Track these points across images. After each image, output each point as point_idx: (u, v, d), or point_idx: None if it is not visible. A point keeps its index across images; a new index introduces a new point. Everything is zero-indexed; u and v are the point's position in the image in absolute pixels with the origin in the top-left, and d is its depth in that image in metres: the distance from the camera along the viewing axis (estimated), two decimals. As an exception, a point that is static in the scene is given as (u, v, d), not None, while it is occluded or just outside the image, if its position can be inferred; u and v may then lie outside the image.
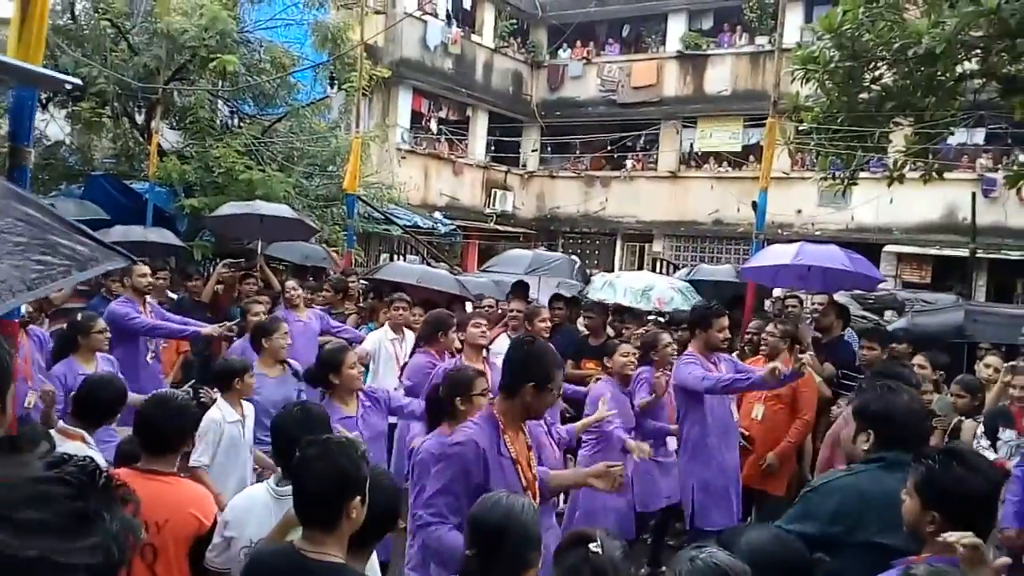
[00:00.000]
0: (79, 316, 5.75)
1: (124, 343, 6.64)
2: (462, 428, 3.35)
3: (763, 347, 6.61)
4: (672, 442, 6.23)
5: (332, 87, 14.53)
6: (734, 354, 6.78)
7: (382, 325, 7.95)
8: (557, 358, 3.42)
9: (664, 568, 5.82)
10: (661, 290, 10.01)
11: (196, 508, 3.20)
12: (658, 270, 19.03)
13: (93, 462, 1.30)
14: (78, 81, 2.62)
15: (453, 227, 20.29)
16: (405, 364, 6.70)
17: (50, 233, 1.45)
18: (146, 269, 7.07)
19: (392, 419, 5.54)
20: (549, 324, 6.94)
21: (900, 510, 2.62)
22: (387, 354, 7.01)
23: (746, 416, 6.35)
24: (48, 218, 1.50)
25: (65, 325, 5.95)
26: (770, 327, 6.54)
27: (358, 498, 2.49)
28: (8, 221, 1.40)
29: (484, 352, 6.16)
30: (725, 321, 5.85)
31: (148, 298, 7.19)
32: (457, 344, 6.36)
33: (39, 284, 1.40)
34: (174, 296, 8.77)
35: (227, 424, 4.73)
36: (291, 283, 7.99)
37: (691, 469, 5.75)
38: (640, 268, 21.10)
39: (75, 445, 3.80)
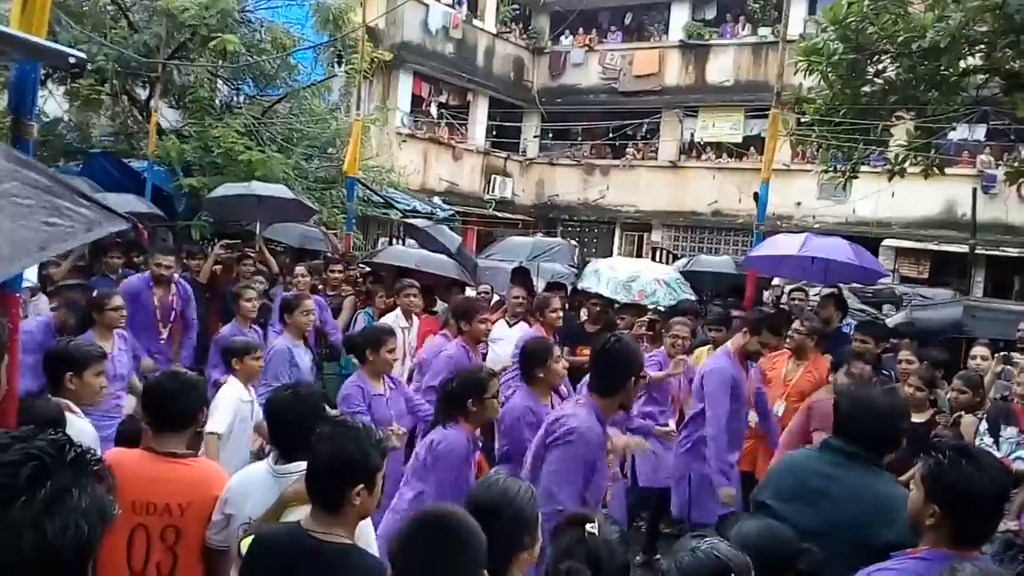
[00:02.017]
0: (95, 293, 5.75)
1: (137, 320, 6.74)
2: (574, 415, 3.55)
3: (787, 341, 6.55)
4: (672, 423, 6.25)
5: (341, 65, 14.41)
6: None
7: (379, 309, 7.94)
8: (641, 348, 3.82)
9: (659, 556, 5.82)
10: (644, 282, 9.86)
11: (216, 488, 3.20)
12: (657, 260, 19.02)
13: (64, 436, 1.29)
14: (82, 55, 2.59)
15: (452, 212, 20.24)
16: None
17: (56, 196, 1.45)
18: (162, 259, 7.21)
19: None
20: (561, 314, 6.91)
21: (799, 482, 2.92)
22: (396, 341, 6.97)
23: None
24: (52, 182, 1.50)
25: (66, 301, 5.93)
26: (797, 324, 6.47)
27: (362, 486, 2.48)
28: (15, 184, 1.39)
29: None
30: (772, 339, 5.83)
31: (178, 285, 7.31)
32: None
33: (49, 244, 1.40)
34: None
35: (241, 402, 4.76)
36: (300, 269, 8.03)
37: (689, 462, 5.72)
38: (639, 257, 21.06)
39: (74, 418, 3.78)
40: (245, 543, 2.69)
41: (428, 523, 2.16)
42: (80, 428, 3.53)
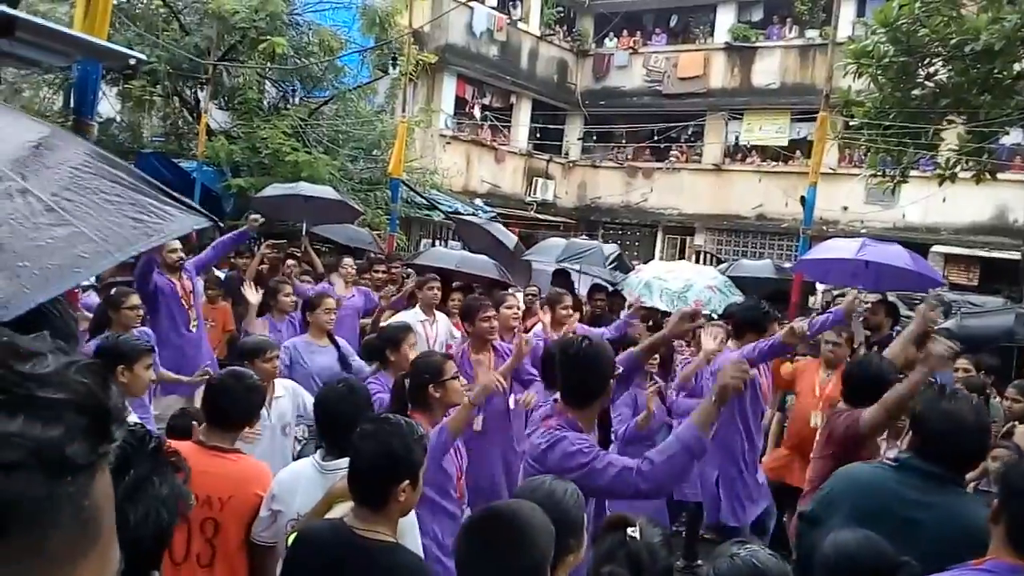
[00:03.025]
0: (112, 291, 5.76)
1: (157, 314, 6.71)
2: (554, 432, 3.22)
3: (829, 352, 6.42)
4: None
5: (395, 67, 14.47)
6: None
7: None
8: (609, 346, 3.52)
9: (700, 562, 5.79)
10: (698, 291, 9.82)
11: (259, 486, 3.24)
12: (700, 263, 18.87)
13: (143, 427, 1.34)
14: (142, 56, 2.66)
15: (494, 215, 20.30)
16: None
17: (139, 193, 1.48)
18: (176, 244, 6.98)
19: None
20: (571, 311, 6.87)
21: (882, 507, 2.65)
22: (418, 337, 6.94)
23: (802, 420, 6.14)
24: (136, 180, 1.54)
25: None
26: (831, 333, 6.35)
27: (407, 482, 2.49)
28: (103, 182, 1.43)
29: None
30: (776, 326, 5.77)
31: (184, 270, 7.17)
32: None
33: (137, 241, 1.44)
34: (220, 274, 8.89)
35: None
36: (348, 260, 8.14)
37: (714, 465, 5.67)
38: (681, 259, 20.89)
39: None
40: (292, 539, 2.72)
41: (494, 518, 2.15)
42: (130, 422, 3.60)
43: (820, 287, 11.19)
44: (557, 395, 3.45)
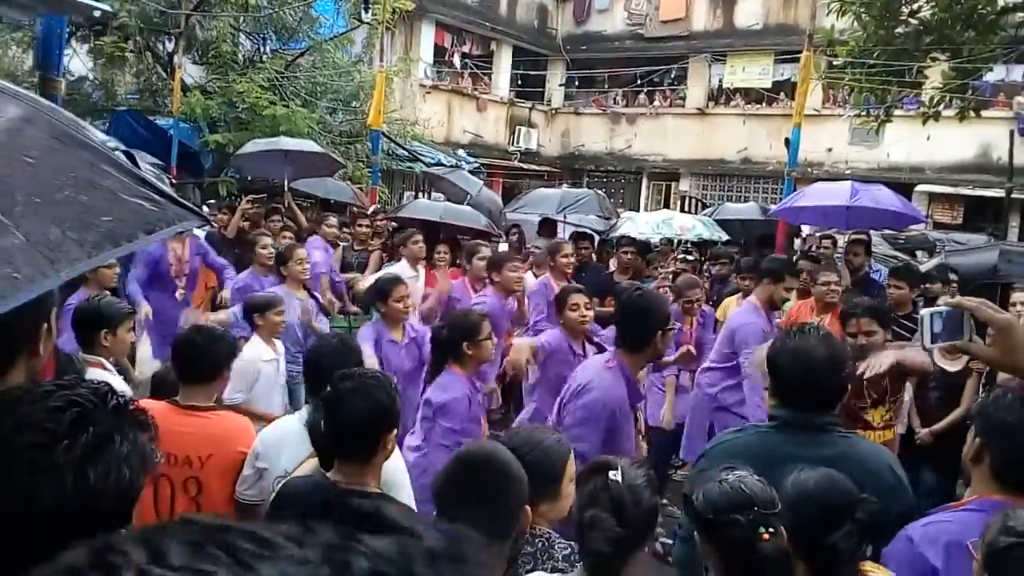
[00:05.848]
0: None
1: (152, 282, 6.73)
2: (598, 379, 3.50)
3: (829, 296, 6.34)
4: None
5: (367, 11, 14.11)
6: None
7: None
8: (667, 300, 3.79)
9: (666, 500, 5.79)
10: (683, 219, 10.22)
11: (240, 443, 3.21)
12: (685, 209, 18.88)
13: (107, 385, 1.31)
14: (107, 7, 2.57)
15: (477, 165, 20.11)
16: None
17: (116, 189, 1.30)
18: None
19: None
20: (572, 259, 6.89)
21: (780, 475, 2.27)
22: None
23: None
24: (113, 169, 1.35)
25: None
26: (830, 276, 6.29)
27: (394, 431, 2.53)
28: (69, 176, 1.27)
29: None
30: (795, 283, 5.79)
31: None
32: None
33: (100, 250, 1.26)
34: (200, 232, 8.79)
35: (263, 363, 4.70)
36: (333, 221, 8.14)
37: (713, 411, 5.67)
38: (666, 207, 20.88)
39: (96, 372, 3.82)
40: (272, 498, 2.71)
41: (469, 462, 2.18)
42: (114, 385, 3.57)
43: (805, 229, 11.19)
44: None
